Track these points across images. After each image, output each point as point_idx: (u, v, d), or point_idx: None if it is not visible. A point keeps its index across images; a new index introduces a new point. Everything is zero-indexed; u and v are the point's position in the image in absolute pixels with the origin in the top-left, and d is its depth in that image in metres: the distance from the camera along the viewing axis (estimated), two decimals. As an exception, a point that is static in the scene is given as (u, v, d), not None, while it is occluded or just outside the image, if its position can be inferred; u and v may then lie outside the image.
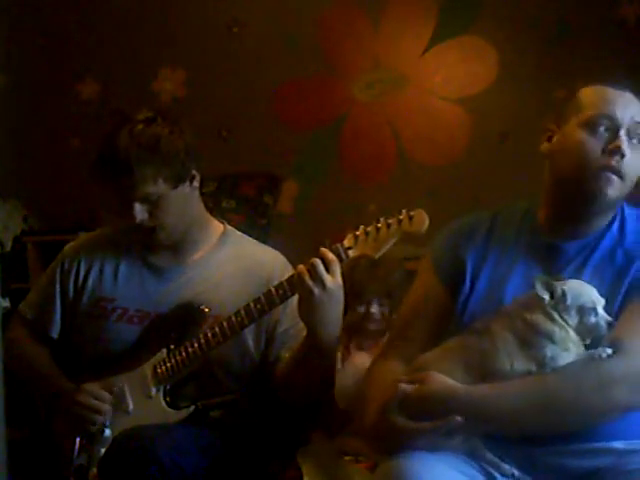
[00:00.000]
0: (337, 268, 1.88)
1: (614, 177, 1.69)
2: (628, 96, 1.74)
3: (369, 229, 1.88)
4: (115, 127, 2.12)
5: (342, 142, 4.23)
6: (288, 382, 2.08)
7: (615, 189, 1.69)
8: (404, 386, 1.60)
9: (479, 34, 4.11)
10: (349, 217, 3.78)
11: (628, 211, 1.77)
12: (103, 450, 2.01)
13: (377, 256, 1.88)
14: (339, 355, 2.20)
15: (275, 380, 2.12)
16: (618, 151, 1.68)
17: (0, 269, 3.54)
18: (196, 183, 2.16)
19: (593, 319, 1.58)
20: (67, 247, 2.33)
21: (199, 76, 4.31)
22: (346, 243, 1.90)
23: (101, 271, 2.24)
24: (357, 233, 1.89)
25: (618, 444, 1.58)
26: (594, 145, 1.69)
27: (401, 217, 1.85)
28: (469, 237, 1.82)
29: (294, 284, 1.93)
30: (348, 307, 2.08)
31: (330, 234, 1.97)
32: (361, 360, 2.20)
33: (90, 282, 2.24)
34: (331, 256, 1.88)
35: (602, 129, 1.69)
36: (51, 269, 2.31)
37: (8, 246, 4.11)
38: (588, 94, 1.75)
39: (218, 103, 4.23)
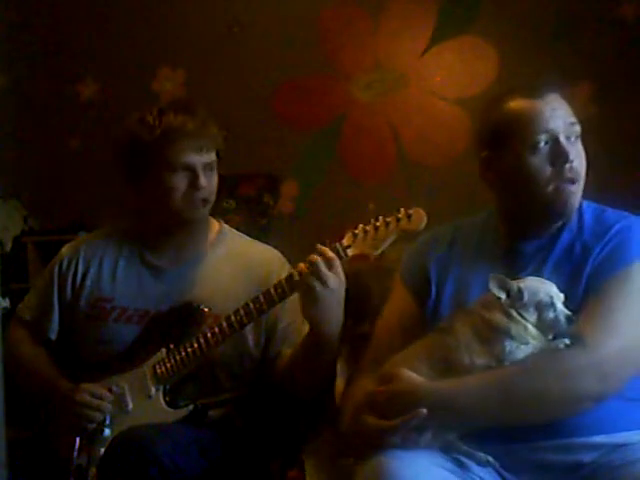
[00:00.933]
0: (339, 265, 1.89)
1: (573, 187, 1.71)
2: (553, 99, 1.73)
3: (368, 228, 1.89)
4: (147, 113, 2.13)
5: (342, 142, 4.23)
6: (290, 377, 2.08)
7: (577, 195, 1.72)
8: (372, 387, 1.64)
9: (479, 34, 4.11)
10: (349, 217, 3.76)
11: (585, 205, 1.78)
12: (103, 450, 2.01)
13: (376, 254, 1.89)
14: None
15: (276, 376, 2.12)
16: (567, 159, 1.69)
17: (0, 269, 3.54)
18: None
19: (552, 314, 1.60)
20: (64, 248, 2.33)
21: (199, 76, 4.31)
22: (345, 242, 1.90)
23: (99, 271, 2.24)
24: (356, 232, 1.90)
25: (599, 438, 1.59)
26: (542, 164, 1.70)
27: (399, 215, 1.86)
28: (432, 248, 1.87)
29: (294, 283, 1.93)
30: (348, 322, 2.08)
31: (330, 234, 1.97)
32: None
33: (88, 282, 2.24)
34: (331, 254, 1.88)
35: (542, 144, 1.69)
36: (48, 270, 2.30)
37: (8, 246, 4.11)
38: (516, 113, 1.72)
39: (218, 103, 4.21)
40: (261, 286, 2.04)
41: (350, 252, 1.89)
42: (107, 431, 2.07)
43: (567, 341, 1.58)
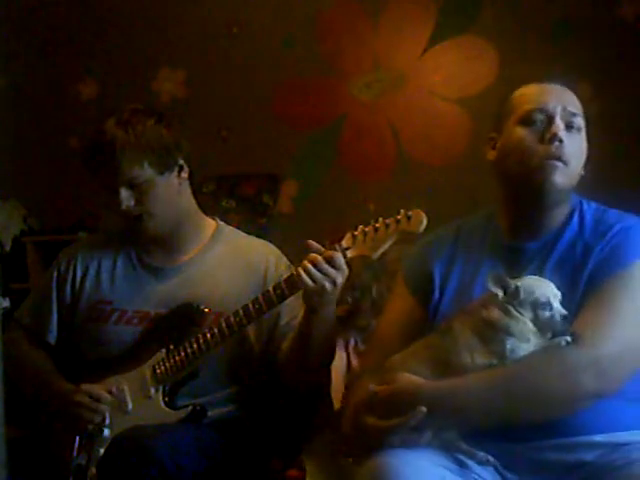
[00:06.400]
0: (342, 261, 1.90)
1: (558, 163, 1.72)
2: (559, 88, 1.79)
3: (367, 229, 1.89)
4: (104, 118, 2.13)
5: (342, 142, 4.23)
6: (286, 367, 2.10)
7: (561, 175, 1.72)
8: (372, 387, 1.64)
9: (479, 34, 4.11)
10: (349, 217, 3.78)
11: (586, 205, 1.80)
12: (102, 450, 2.01)
13: (375, 256, 1.89)
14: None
15: (278, 367, 2.13)
16: (556, 137, 1.71)
17: (0, 269, 3.54)
18: (184, 174, 2.16)
19: (547, 313, 1.61)
20: (62, 252, 2.33)
21: (199, 76, 4.31)
22: (344, 243, 1.90)
23: (97, 274, 2.24)
24: (355, 233, 1.90)
25: (599, 437, 1.60)
26: (532, 138, 1.73)
27: (399, 217, 1.85)
28: (435, 249, 1.87)
29: (293, 284, 1.94)
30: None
31: (330, 234, 1.97)
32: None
33: (87, 285, 2.23)
34: (330, 252, 1.89)
35: (537, 122, 1.74)
36: (47, 275, 2.30)
37: (8, 246, 4.11)
38: (520, 93, 1.81)
39: (218, 103, 4.23)
40: (259, 280, 2.09)
41: (349, 253, 1.90)
42: (107, 431, 2.07)
43: (568, 338, 1.58)
